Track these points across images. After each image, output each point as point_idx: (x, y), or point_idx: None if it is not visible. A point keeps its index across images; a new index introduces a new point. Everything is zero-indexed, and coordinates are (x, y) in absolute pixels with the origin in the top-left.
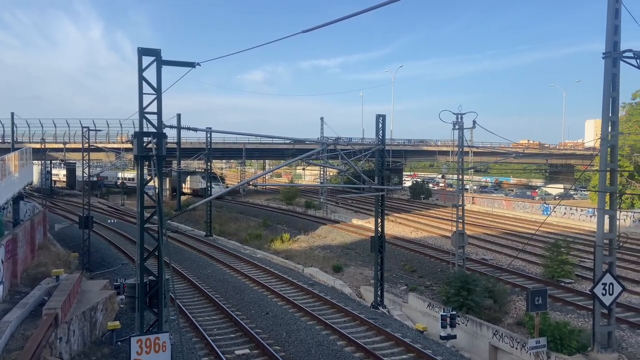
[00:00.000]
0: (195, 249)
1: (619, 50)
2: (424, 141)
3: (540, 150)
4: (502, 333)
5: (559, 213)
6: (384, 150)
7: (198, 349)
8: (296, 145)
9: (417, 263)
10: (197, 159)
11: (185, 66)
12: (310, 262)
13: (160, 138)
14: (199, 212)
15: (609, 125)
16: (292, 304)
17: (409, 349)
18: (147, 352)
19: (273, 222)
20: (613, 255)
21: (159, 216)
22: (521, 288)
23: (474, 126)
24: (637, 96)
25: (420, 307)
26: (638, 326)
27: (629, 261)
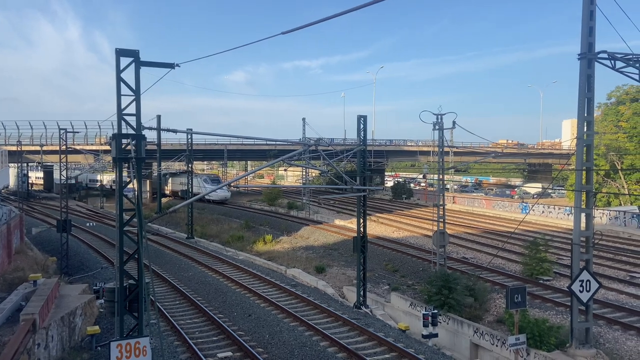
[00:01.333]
0: (177, 252)
1: (594, 51)
2: (405, 141)
3: (518, 150)
4: (482, 331)
5: (537, 211)
6: (366, 150)
7: (180, 352)
8: (278, 146)
9: (399, 262)
10: (178, 161)
11: (165, 67)
12: (293, 263)
13: (139, 140)
14: (180, 215)
15: (584, 125)
16: (275, 306)
17: (392, 348)
18: (127, 356)
19: (255, 223)
20: (590, 252)
21: (138, 219)
22: (501, 286)
23: (453, 126)
24: (612, 96)
25: (403, 306)
26: (615, 322)
27: (605, 258)
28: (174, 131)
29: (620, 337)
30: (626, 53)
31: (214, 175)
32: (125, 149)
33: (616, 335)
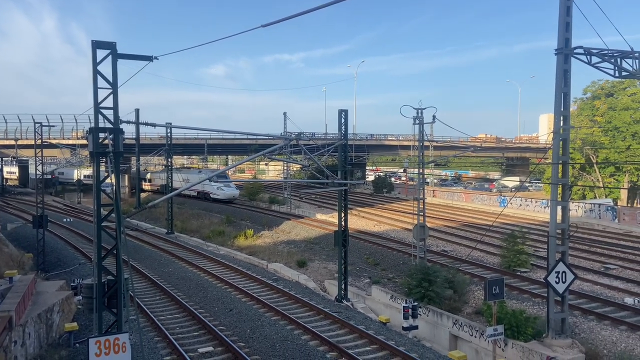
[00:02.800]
0: (156, 247)
1: (571, 47)
2: (386, 136)
3: (497, 144)
4: (461, 322)
5: (515, 205)
6: (347, 145)
7: (160, 348)
8: (259, 141)
9: (380, 256)
10: (157, 155)
11: (142, 60)
12: (275, 257)
13: (117, 134)
14: (160, 210)
15: (561, 119)
16: (257, 300)
17: (372, 340)
18: (106, 353)
19: (236, 218)
20: (565, 244)
21: (116, 214)
22: (480, 278)
23: (433, 121)
24: (587, 91)
25: (383, 299)
26: (590, 312)
27: (580, 250)
28: (153, 125)
29: (595, 327)
30: (602, 48)
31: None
32: (103, 143)
33: (591, 325)
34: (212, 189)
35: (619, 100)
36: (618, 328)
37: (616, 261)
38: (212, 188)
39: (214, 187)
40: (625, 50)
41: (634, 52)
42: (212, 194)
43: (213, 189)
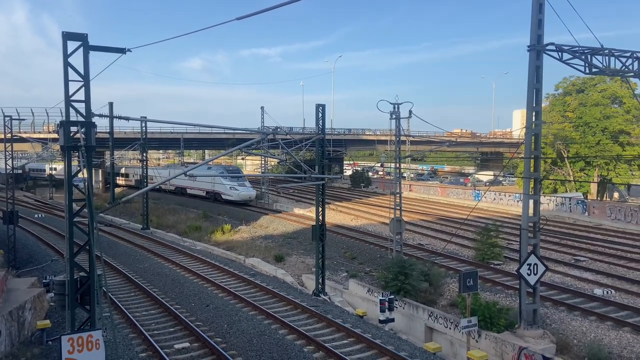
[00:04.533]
0: (131, 243)
1: (543, 43)
2: (363, 131)
3: (471, 139)
4: (436, 314)
5: (489, 198)
6: (324, 139)
7: (135, 344)
8: (237, 135)
9: (358, 250)
10: (132, 150)
11: (115, 52)
12: (252, 252)
13: (89, 127)
14: (135, 205)
15: (533, 115)
16: (234, 295)
17: (349, 334)
18: (79, 350)
19: (213, 213)
20: (537, 237)
21: (88, 209)
22: (454, 271)
23: (410, 116)
24: (559, 87)
25: (361, 292)
26: (561, 303)
27: (552, 242)
28: (126, 118)
29: (566, 318)
30: (573, 45)
31: (233, 167)
32: (74, 137)
33: (562, 315)
34: (223, 189)
35: (590, 97)
36: (588, 318)
37: (586, 253)
38: (224, 188)
39: (226, 186)
40: (596, 47)
41: (603, 49)
42: (224, 194)
43: (225, 189)
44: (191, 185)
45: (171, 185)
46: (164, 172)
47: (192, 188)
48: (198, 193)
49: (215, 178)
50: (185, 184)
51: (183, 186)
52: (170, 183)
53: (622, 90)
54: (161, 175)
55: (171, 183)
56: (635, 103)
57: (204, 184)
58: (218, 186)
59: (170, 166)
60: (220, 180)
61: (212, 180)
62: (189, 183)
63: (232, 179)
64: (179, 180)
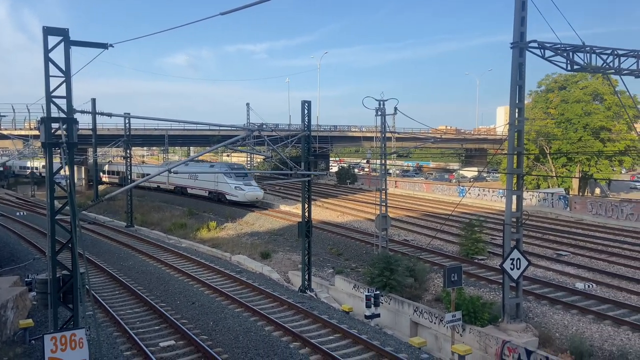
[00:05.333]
0: (115, 241)
1: (525, 40)
2: (349, 127)
3: (456, 136)
4: (422, 309)
5: (473, 194)
6: (310, 136)
7: (120, 343)
8: (222, 132)
9: (344, 246)
10: (115, 146)
11: (97, 47)
12: (238, 249)
13: (70, 124)
14: (119, 202)
15: (516, 111)
16: (220, 293)
17: (335, 329)
18: (62, 349)
19: (199, 210)
20: (520, 232)
21: (70, 206)
22: (439, 266)
23: (395, 112)
24: (542, 84)
25: (347, 288)
26: (543, 297)
27: (534, 237)
28: (109, 115)
29: (548, 312)
30: (555, 43)
31: (237, 165)
32: (55, 133)
33: (544, 309)
34: (227, 189)
35: (571, 93)
36: (569, 312)
37: (568, 248)
38: (228, 187)
39: (231, 186)
40: (577, 44)
41: (585, 47)
42: (229, 194)
43: (229, 189)
44: (192, 185)
45: (170, 184)
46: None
47: (194, 188)
48: (200, 193)
49: (219, 177)
50: (186, 183)
51: (183, 185)
52: (170, 182)
53: (603, 87)
54: (144, 173)
55: (170, 182)
56: (615, 100)
57: (206, 183)
58: (222, 185)
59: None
60: (223, 179)
61: (215, 179)
62: (190, 182)
63: (237, 177)
64: (179, 179)
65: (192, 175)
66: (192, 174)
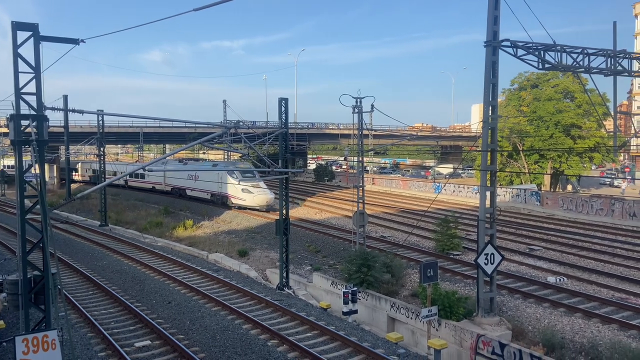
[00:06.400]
0: (89, 240)
1: (499, 39)
2: (327, 125)
3: (431, 133)
4: (398, 305)
5: (449, 191)
6: (287, 133)
7: (94, 344)
8: (198, 129)
9: (321, 243)
10: (88, 144)
11: (68, 43)
12: (215, 248)
13: (41, 121)
14: (92, 201)
15: (489, 109)
16: (196, 291)
17: (313, 326)
18: (34, 351)
19: (175, 208)
20: (493, 228)
21: (41, 205)
22: (416, 262)
23: (372, 110)
24: (515, 82)
25: (324, 285)
26: (516, 291)
27: (508, 233)
28: (81, 112)
29: (521, 305)
30: (527, 42)
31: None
32: (25, 131)
33: (517, 303)
34: (232, 191)
35: (543, 92)
36: (541, 305)
37: (540, 242)
38: (234, 190)
39: (237, 188)
40: (548, 43)
41: (555, 46)
42: (234, 198)
43: (234, 191)
44: (192, 186)
45: (167, 185)
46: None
47: (194, 189)
48: (201, 196)
49: (222, 176)
50: (185, 185)
51: (182, 187)
52: (167, 183)
53: (573, 86)
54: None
55: (167, 183)
56: (585, 98)
57: (208, 185)
58: (226, 187)
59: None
60: (228, 180)
61: (219, 180)
62: (190, 183)
63: (244, 178)
64: (177, 180)
65: (192, 175)
66: (191, 174)
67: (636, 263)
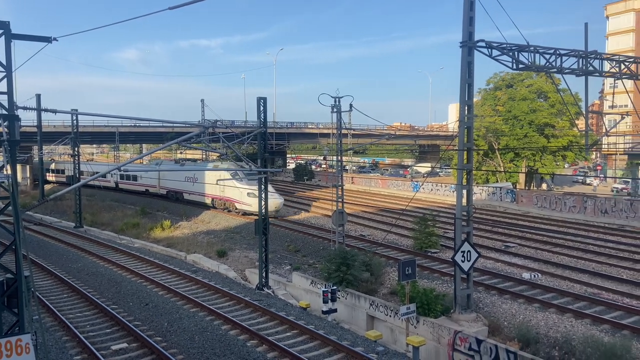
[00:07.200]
0: (63, 242)
1: (474, 40)
2: (306, 124)
3: (410, 132)
4: (377, 303)
5: (427, 189)
6: (266, 132)
7: (69, 347)
8: (176, 129)
9: (301, 243)
10: (62, 144)
11: (40, 41)
12: (194, 248)
13: (12, 121)
14: (67, 202)
15: (465, 108)
16: (174, 293)
17: (293, 326)
18: (8, 355)
19: (152, 209)
20: (470, 225)
21: (13, 207)
22: (394, 260)
23: (350, 109)
24: (490, 82)
25: (304, 284)
26: (492, 288)
27: (484, 230)
28: (54, 111)
29: (497, 301)
30: (502, 42)
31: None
32: None
33: (493, 299)
34: (237, 195)
35: (518, 91)
36: (517, 301)
37: (515, 239)
38: (238, 194)
39: (242, 192)
40: (522, 44)
41: (529, 46)
42: (238, 202)
43: (239, 195)
44: (190, 190)
45: (162, 188)
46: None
47: (192, 193)
48: (200, 200)
49: (226, 180)
50: (182, 188)
51: (178, 190)
52: (161, 186)
53: (547, 86)
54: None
55: (162, 186)
56: (558, 97)
57: (208, 188)
58: (230, 191)
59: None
60: (232, 183)
61: (222, 183)
62: (187, 186)
63: (250, 180)
64: (173, 183)
65: (190, 177)
66: (189, 176)
67: (608, 259)
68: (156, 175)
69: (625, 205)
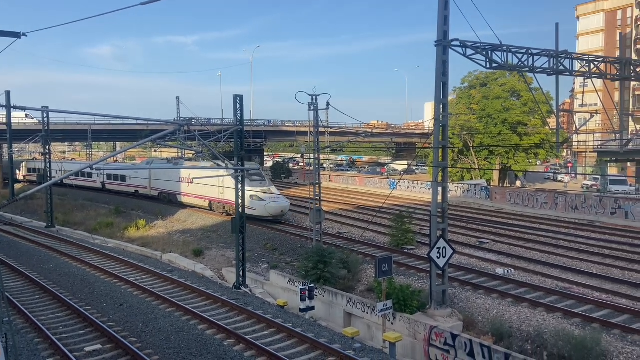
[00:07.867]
0: (34, 242)
1: (449, 39)
2: (283, 122)
3: (386, 130)
4: (355, 300)
5: (403, 187)
6: (243, 130)
7: (41, 349)
8: (151, 127)
9: (279, 241)
10: (33, 142)
11: (8, 37)
12: (170, 248)
13: None
14: (38, 202)
15: (440, 107)
16: (150, 293)
17: (270, 324)
18: None
19: (127, 208)
20: (445, 222)
21: None
22: (371, 257)
23: (327, 107)
24: (465, 81)
25: (282, 283)
26: (467, 283)
27: (459, 227)
28: (23, 109)
29: (472, 297)
30: (476, 42)
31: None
32: None
33: (468, 295)
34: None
35: (492, 90)
36: (491, 296)
37: (489, 236)
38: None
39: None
40: (495, 43)
41: (502, 46)
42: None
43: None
44: (186, 191)
45: (153, 189)
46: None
47: (188, 195)
48: (196, 203)
49: (225, 180)
50: (176, 189)
51: (172, 191)
52: (152, 187)
53: (519, 85)
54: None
55: (153, 187)
56: (531, 96)
57: (206, 190)
58: (230, 193)
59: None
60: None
61: (221, 184)
62: (182, 187)
63: (252, 181)
64: (166, 183)
65: (185, 177)
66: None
67: (578, 254)
68: (147, 175)
69: (595, 201)
